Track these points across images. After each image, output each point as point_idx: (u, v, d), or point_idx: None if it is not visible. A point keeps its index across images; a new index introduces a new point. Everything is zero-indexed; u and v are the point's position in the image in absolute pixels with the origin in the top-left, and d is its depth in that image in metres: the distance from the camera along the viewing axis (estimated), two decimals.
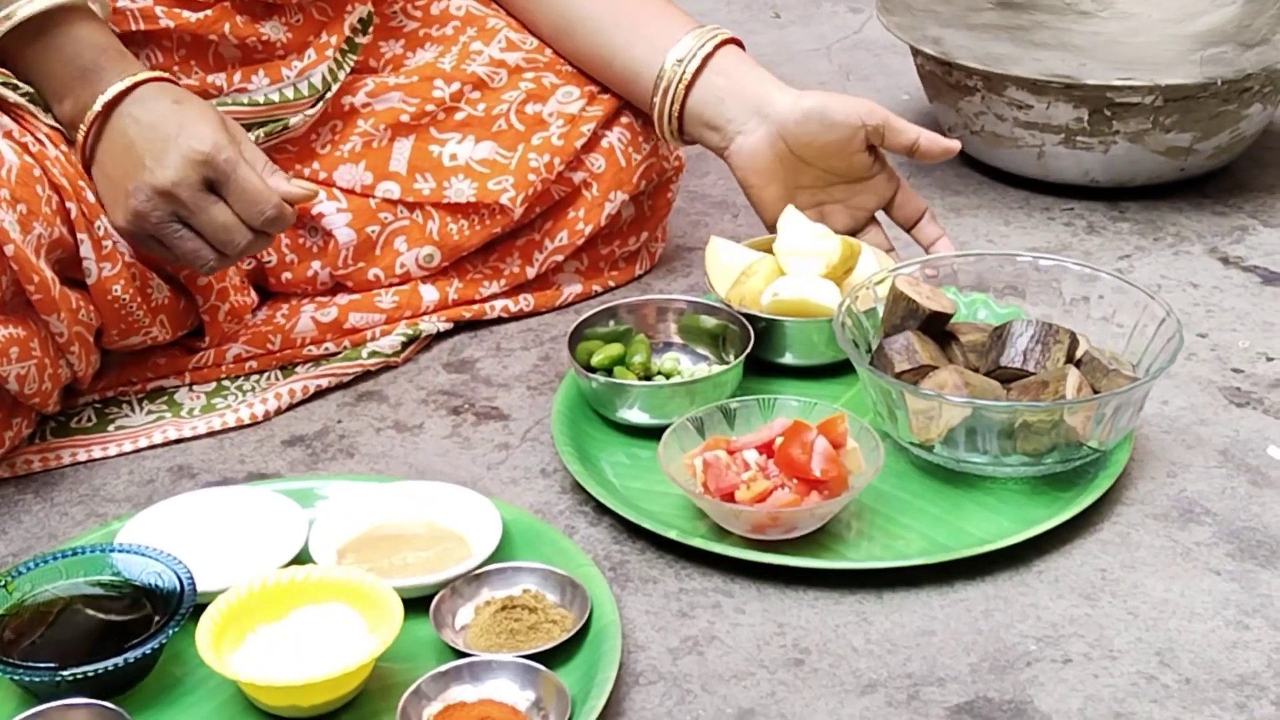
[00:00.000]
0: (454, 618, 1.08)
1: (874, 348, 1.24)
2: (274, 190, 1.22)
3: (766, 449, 1.14)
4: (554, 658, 1.04)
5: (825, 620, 1.10)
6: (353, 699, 1.02)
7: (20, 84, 1.24)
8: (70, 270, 1.25)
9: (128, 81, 1.22)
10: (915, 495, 1.19)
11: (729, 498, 1.12)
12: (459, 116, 1.42)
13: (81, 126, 1.22)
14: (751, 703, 1.03)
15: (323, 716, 1.01)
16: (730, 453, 1.14)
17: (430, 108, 1.41)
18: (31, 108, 1.23)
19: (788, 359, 1.33)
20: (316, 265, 1.40)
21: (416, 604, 1.07)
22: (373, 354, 1.37)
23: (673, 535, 1.15)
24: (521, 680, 1.02)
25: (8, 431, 1.24)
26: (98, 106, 1.21)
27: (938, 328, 1.23)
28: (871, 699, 1.03)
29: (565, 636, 1.05)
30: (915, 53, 1.72)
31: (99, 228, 1.24)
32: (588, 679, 1.02)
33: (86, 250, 1.24)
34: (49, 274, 1.20)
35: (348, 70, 1.40)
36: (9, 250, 1.17)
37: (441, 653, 1.06)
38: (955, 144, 1.40)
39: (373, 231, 1.40)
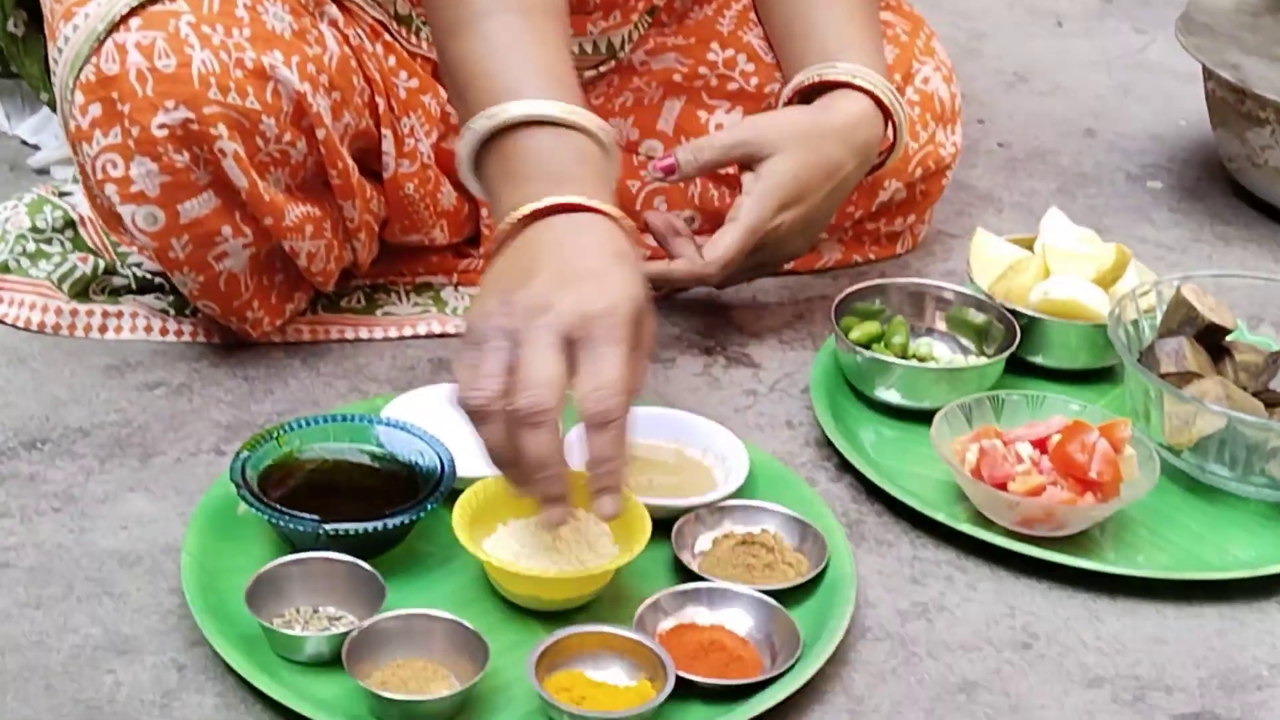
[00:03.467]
0: (694, 543, 1.13)
1: (1144, 349, 1.26)
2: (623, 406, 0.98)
3: (1040, 445, 1.17)
4: (786, 599, 1.08)
5: (1056, 610, 1.13)
6: (590, 603, 1.08)
7: None
8: (369, 161, 1.32)
9: (578, 199, 1.04)
10: (1169, 506, 1.22)
11: (1001, 487, 1.15)
12: (731, 86, 1.45)
13: (505, 222, 1.06)
14: (977, 676, 1.07)
15: (558, 613, 1.07)
16: (1005, 444, 1.17)
17: (703, 71, 1.45)
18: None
19: (1041, 359, 1.35)
20: None
21: (655, 526, 1.12)
22: None
23: (913, 504, 1.19)
24: (756, 614, 1.06)
25: (289, 304, 1.33)
26: (525, 210, 1.04)
27: (1214, 340, 1.25)
28: (1097, 693, 1.06)
29: (801, 580, 1.09)
30: (1208, 76, 1.73)
31: (404, 125, 1.30)
32: (819, 624, 1.07)
33: (388, 146, 1.31)
34: (350, 162, 1.28)
35: (642, 32, 1.44)
36: (320, 134, 1.24)
37: (675, 575, 1.11)
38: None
39: (633, 186, 1.44)
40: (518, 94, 1.09)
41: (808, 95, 1.38)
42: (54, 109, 1.33)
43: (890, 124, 1.38)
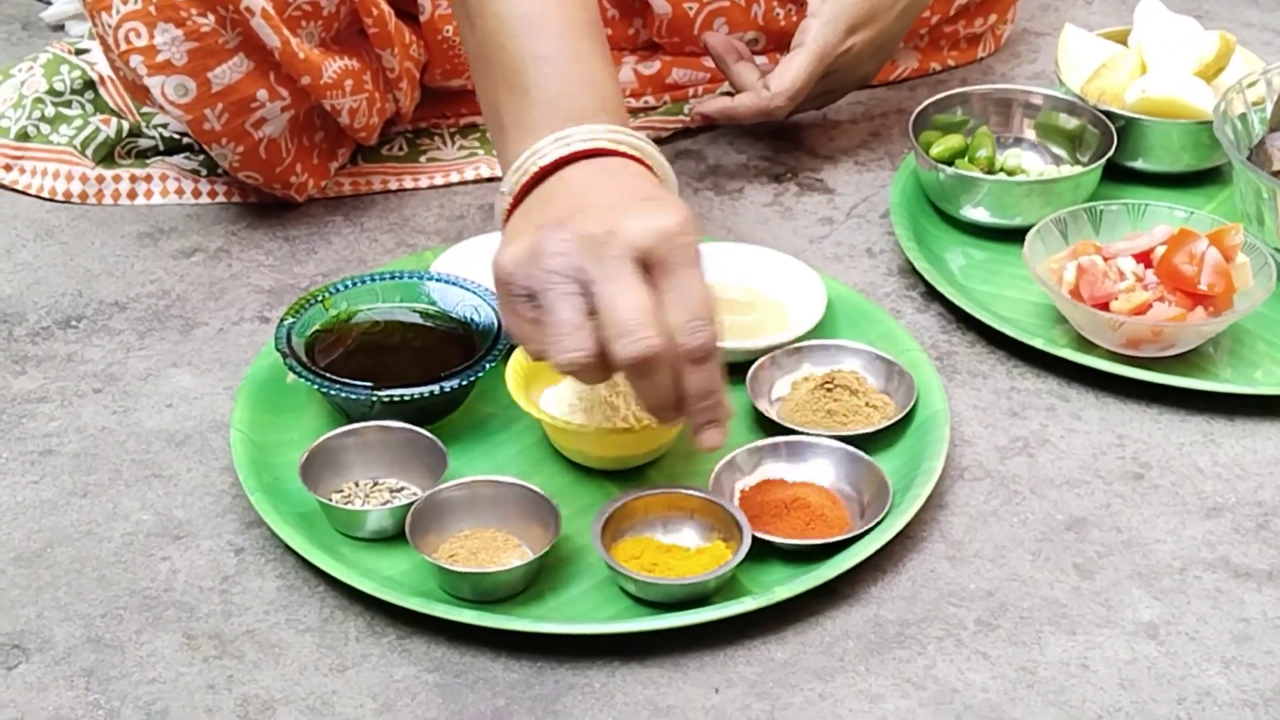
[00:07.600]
0: (770, 389, 1.10)
1: (1254, 145, 1.21)
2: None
3: (1144, 258, 1.13)
4: (874, 444, 1.05)
5: (1169, 437, 1.09)
6: (662, 460, 1.05)
7: None
8: (404, 4, 1.29)
9: (596, 144, 0.97)
10: None
11: (1103, 307, 1.11)
12: None
13: (526, 169, 0.98)
14: (1084, 512, 1.04)
15: (628, 472, 1.04)
16: (1104, 259, 1.13)
17: None
18: None
19: (1140, 164, 1.30)
20: (639, 24, 1.40)
21: (729, 372, 1.09)
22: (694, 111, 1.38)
23: (1008, 330, 1.15)
24: (840, 465, 1.03)
25: (333, 162, 1.30)
26: (552, 157, 0.96)
27: None
28: (1217, 523, 1.03)
29: (887, 423, 1.06)
30: None
31: None
32: (911, 468, 1.04)
33: None
34: (386, 8, 1.24)
35: None
36: None
37: (753, 424, 1.08)
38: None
39: (690, 9, 1.38)
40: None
41: None
42: None
43: None
